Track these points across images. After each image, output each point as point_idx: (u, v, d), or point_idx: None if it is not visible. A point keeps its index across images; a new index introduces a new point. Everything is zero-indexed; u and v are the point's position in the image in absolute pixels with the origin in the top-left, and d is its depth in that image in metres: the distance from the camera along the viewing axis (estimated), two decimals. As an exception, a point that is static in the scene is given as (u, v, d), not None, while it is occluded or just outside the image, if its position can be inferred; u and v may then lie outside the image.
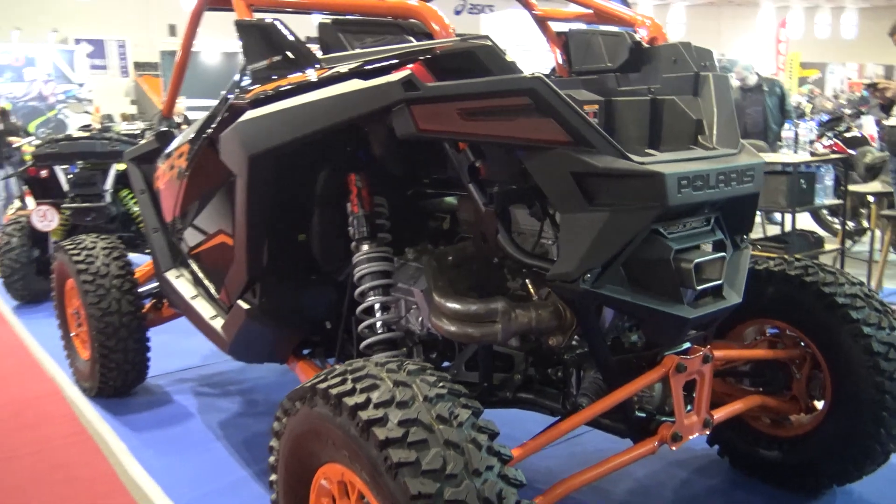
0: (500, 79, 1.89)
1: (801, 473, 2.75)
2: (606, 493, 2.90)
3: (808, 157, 4.83)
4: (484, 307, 2.10)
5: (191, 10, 3.19)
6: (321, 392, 1.73)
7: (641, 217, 1.88)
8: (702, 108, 2.26)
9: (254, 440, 3.43)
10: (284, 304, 2.69)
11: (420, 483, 1.49)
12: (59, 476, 3.18)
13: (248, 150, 2.36)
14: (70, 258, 3.79)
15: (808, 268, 2.67)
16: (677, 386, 2.13)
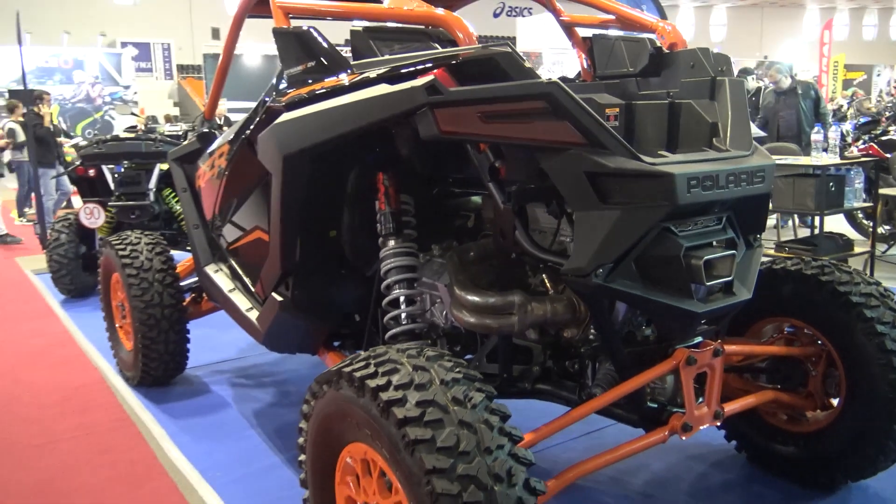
0: (519, 84, 2.00)
1: (816, 469, 2.80)
2: (625, 485, 2.98)
3: (837, 160, 4.84)
4: (501, 300, 2.22)
5: (233, 16, 3.36)
6: (346, 375, 1.86)
7: (652, 215, 1.97)
8: (717, 111, 2.34)
9: (285, 429, 3.58)
10: (316, 296, 2.83)
11: (435, 459, 1.61)
12: (103, 459, 3.36)
13: (283, 150, 2.50)
14: (116, 253, 3.98)
15: (824, 267, 2.72)
16: (688, 378, 2.21)
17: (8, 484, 3.12)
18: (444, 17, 2.26)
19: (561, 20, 3.42)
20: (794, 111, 8.00)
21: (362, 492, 1.97)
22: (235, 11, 3.33)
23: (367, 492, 1.94)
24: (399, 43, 2.73)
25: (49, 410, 3.92)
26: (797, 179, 4.73)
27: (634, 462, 3.12)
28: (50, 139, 9.11)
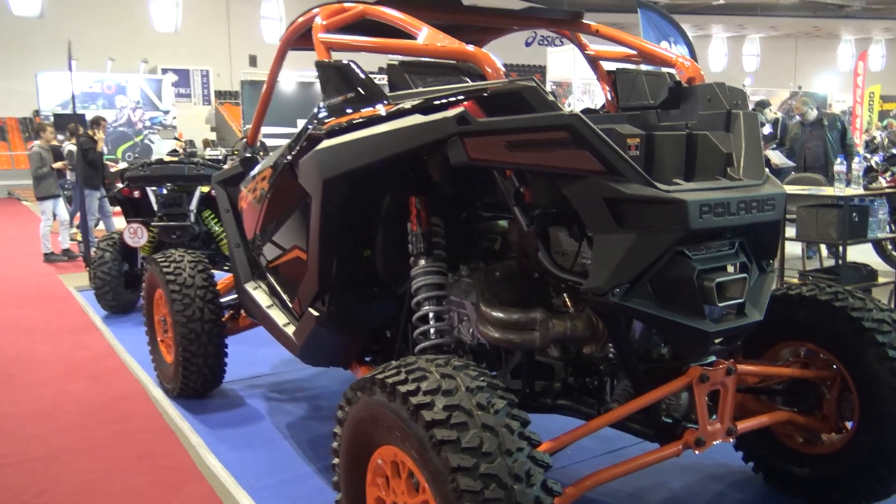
0: (542, 115, 2.16)
1: (831, 490, 2.87)
2: (644, 501, 3.08)
3: (861, 191, 4.91)
4: (524, 316, 2.36)
5: (276, 49, 3.58)
6: (379, 382, 2.01)
7: (665, 239, 2.11)
8: (732, 142, 2.48)
9: (317, 440, 3.73)
10: (350, 312, 3.00)
11: (460, 458, 1.75)
12: (144, 464, 3.54)
13: (323, 175, 2.68)
14: (160, 270, 4.20)
15: (837, 293, 2.82)
16: (701, 395, 2.33)
17: (55, 486, 3.30)
18: (474, 53, 2.44)
19: (587, 54, 3.58)
20: (820, 142, 8.06)
21: (391, 492, 2.11)
22: (279, 44, 3.55)
23: (395, 492, 2.08)
24: (432, 76, 2.91)
25: (92, 418, 4.12)
26: (820, 210, 4.81)
27: (653, 480, 3.22)
28: (100, 162, 9.49)
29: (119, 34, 28.19)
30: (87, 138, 9.32)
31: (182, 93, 28.90)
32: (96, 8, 28.61)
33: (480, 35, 3.73)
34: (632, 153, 2.27)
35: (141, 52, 27.59)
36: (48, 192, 9.61)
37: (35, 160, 9.60)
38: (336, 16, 2.96)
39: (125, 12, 29.56)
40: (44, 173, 9.52)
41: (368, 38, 2.88)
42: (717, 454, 3.38)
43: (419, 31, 2.61)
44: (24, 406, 4.31)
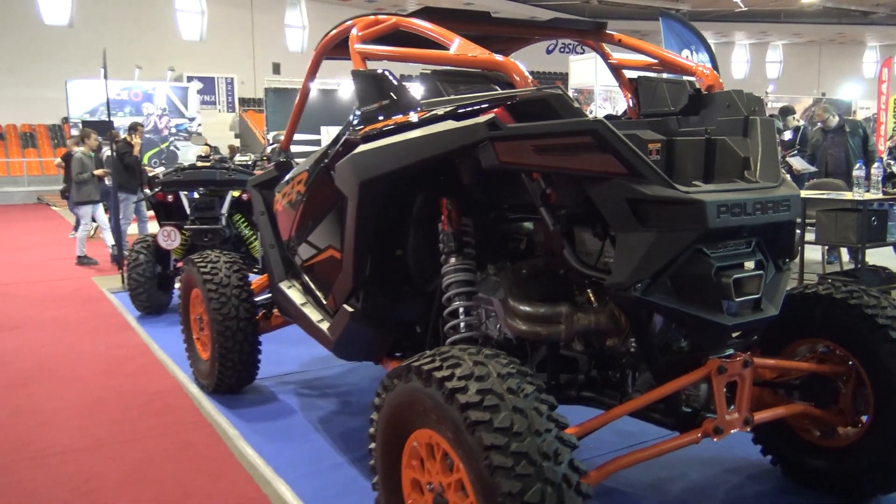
0: (568, 121, 2.29)
1: (846, 482, 2.98)
2: (665, 492, 3.19)
3: (880, 196, 4.99)
4: (550, 310, 2.50)
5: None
6: (415, 369, 2.16)
7: (685, 237, 2.23)
8: (749, 147, 2.60)
9: (349, 433, 3.88)
10: (382, 308, 3.15)
11: (493, 437, 1.89)
12: (184, 454, 3.71)
13: (359, 177, 2.84)
14: (198, 270, 4.38)
15: (853, 292, 2.93)
16: (719, 385, 2.45)
17: (102, 473, 3.48)
18: (504, 62, 2.58)
19: (609, 63, 3.72)
20: (842, 149, 8.11)
21: (426, 473, 2.25)
22: (315, 53, 3.72)
23: (430, 472, 2.23)
24: (463, 84, 3.06)
25: (133, 412, 4.31)
26: (839, 214, 4.89)
27: (674, 472, 3.34)
28: (136, 167, 9.76)
29: (146, 43, 28.70)
30: (124, 143, 9.62)
31: (207, 100, 29.36)
32: (124, 17, 29.17)
33: (507, 44, 3.87)
34: (653, 157, 2.40)
35: (167, 61, 28.07)
36: (88, 198, 9.87)
37: (77, 166, 9.87)
38: (371, 27, 3.13)
39: (152, 21, 30.11)
40: (85, 178, 9.79)
41: (403, 49, 3.03)
42: (737, 448, 3.50)
43: (451, 41, 2.76)
44: (67, 400, 4.50)
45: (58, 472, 3.48)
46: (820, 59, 46.30)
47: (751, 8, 35.06)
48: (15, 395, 4.62)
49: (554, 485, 1.86)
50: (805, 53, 46.06)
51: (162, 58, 28.13)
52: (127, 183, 9.41)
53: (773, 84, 42.53)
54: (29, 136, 27.33)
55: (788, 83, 43.16)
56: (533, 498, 1.84)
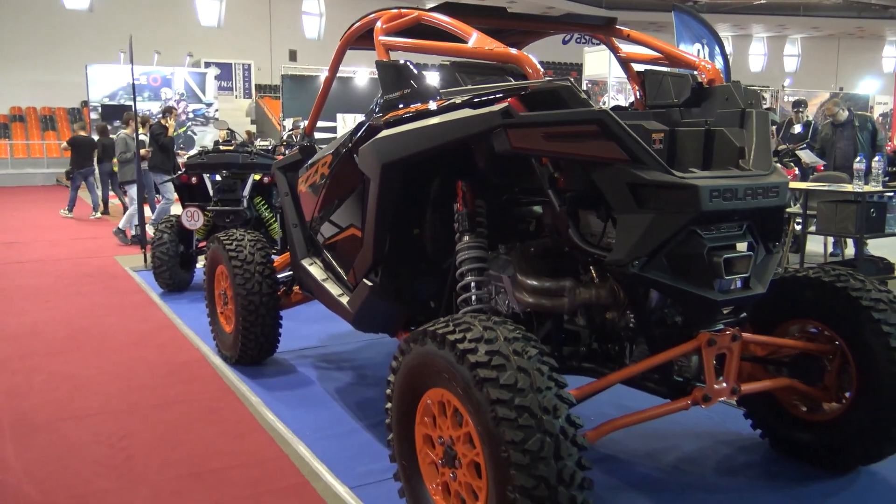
0: (576, 111, 2.50)
1: (831, 454, 3.18)
2: (659, 460, 3.41)
3: (879, 188, 5.16)
4: (555, 284, 2.72)
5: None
6: (430, 333, 2.38)
7: (679, 219, 2.44)
8: (745, 137, 2.80)
9: (365, 402, 4.12)
10: (400, 283, 3.38)
11: (499, 392, 2.12)
12: (210, 418, 3.96)
13: (381, 160, 3.06)
14: (223, 247, 4.62)
15: (840, 275, 3.13)
16: (708, 357, 2.66)
17: (137, 433, 3.74)
18: (518, 56, 2.79)
19: (619, 56, 3.91)
20: (851, 143, 8.24)
21: (437, 428, 2.48)
22: (340, 43, 3.94)
23: (441, 428, 2.45)
24: (480, 75, 3.27)
25: (161, 380, 4.56)
26: (839, 205, 5.07)
27: (669, 443, 3.56)
28: (171, 148, 10.13)
29: (165, 28, 28.97)
30: (158, 125, 10.05)
31: (224, 86, 29.64)
32: (144, 2, 29.44)
33: (522, 37, 4.08)
34: (656, 146, 2.62)
35: (186, 46, 28.35)
36: (130, 177, 10.19)
37: (120, 145, 10.48)
38: (394, 20, 3.34)
39: (171, 6, 30.37)
40: (127, 158, 10.24)
41: (424, 41, 3.24)
42: (729, 422, 3.72)
43: (469, 35, 2.97)
44: (101, 368, 4.76)
45: (97, 430, 3.74)
46: (838, 53, 45.98)
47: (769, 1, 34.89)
48: (52, 362, 4.89)
49: (552, 435, 2.09)
50: (823, 47, 45.74)
51: (180, 43, 28.42)
52: (162, 164, 9.77)
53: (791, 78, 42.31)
54: (49, 118, 27.70)
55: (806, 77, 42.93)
56: (533, 446, 2.06)
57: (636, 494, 3.08)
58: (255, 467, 3.34)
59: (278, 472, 3.30)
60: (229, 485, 3.17)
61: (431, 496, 2.54)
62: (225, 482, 3.20)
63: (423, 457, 2.58)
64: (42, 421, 3.88)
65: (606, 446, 3.52)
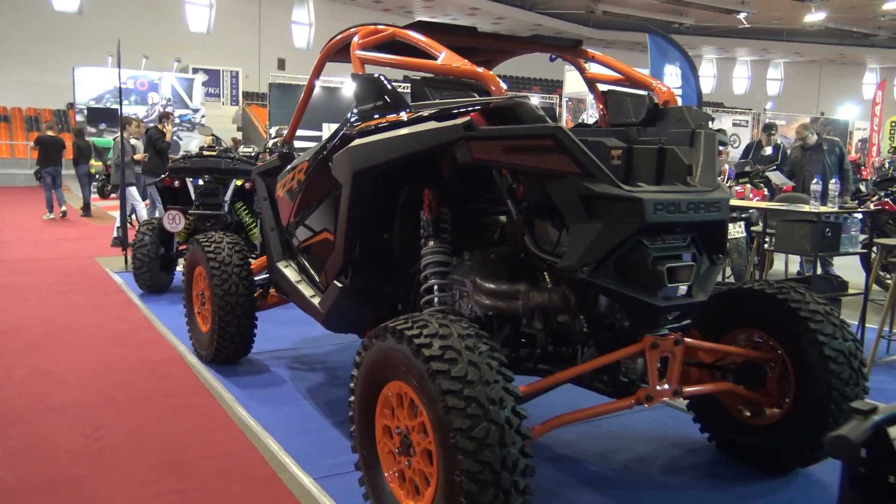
0: (532, 126, 2.69)
1: (771, 457, 3.37)
2: (611, 460, 3.58)
3: (835, 209, 5.40)
4: (511, 287, 2.90)
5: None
6: (390, 329, 2.55)
7: (626, 229, 2.63)
8: (693, 156, 3.00)
9: (333, 401, 4.27)
10: (368, 285, 3.54)
11: (449, 383, 2.28)
12: (185, 413, 4.10)
13: (353, 167, 3.23)
14: (202, 249, 4.77)
15: (781, 288, 3.33)
16: (652, 359, 2.85)
17: (112, 425, 3.86)
18: (482, 73, 2.98)
19: (585, 76, 4.12)
20: (819, 165, 8.52)
21: (395, 419, 2.64)
22: (320, 55, 4.11)
23: (399, 418, 2.62)
24: (447, 90, 3.46)
25: (138, 377, 4.69)
26: (796, 224, 5.29)
27: (621, 445, 3.74)
28: (166, 153, 10.26)
29: (154, 33, 29.07)
30: (155, 129, 10.17)
31: (211, 92, 29.70)
32: (133, 6, 29.54)
33: (493, 55, 4.27)
34: (615, 162, 2.82)
35: (174, 51, 28.43)
36: (129, 180, 10.29)
37: (116, 149, 10.55)
38: (370, 36, 3.53)
39: (161, 11, 30.48)
40: (127, 161, 10.28)
41: (397, 56, 3.43)
42: (680, 427, 3.91)
43: (440, 53, 3.16)
44: (77, 364, 4.88)
45: (73, 423, 3.86)
46: (820, 78, 46.80)
47: (753, 25, 35.52)
48: (31, 357, 5.00)
49: (497, 424, 2.26)
50: (806, 72, 46.55)
51: (169, 48, 28.51)
52: (156, 167, 9.91)
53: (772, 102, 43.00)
54: (34, 119, 27.66)
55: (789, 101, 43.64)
56: (479, 434, 2.23)
57: (587, 491, 3.25)
58: (225, 459, 3.48)
59: (247, 463, 3.45)
60: (199, 474, 3.31)
61: (388, 483, 2.70)
62: (195, 472, 3.34)
63: (381, 447, 2.74)
64: (20, 412, 4.00)
65: (562, 447, 3.70)
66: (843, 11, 32.98)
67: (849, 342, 3.19)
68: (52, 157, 14.00)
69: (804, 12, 32.42)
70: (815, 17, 32.93)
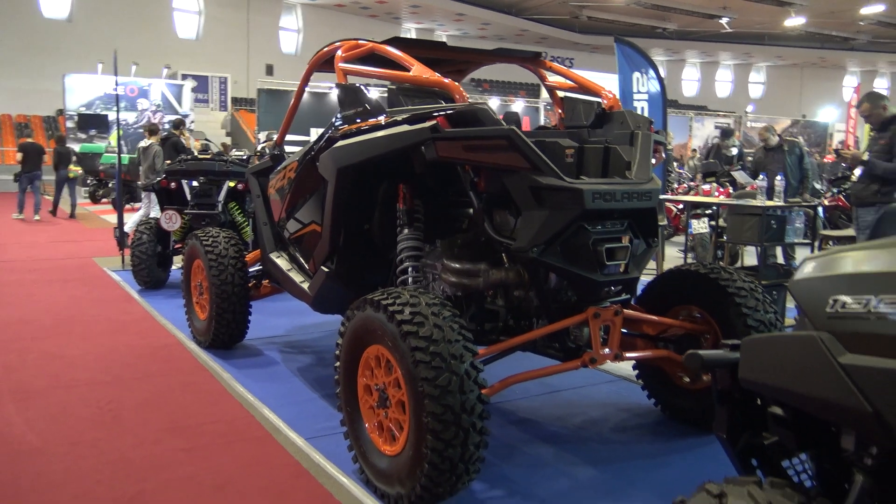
0: (490, 129, 3.16)
1: (705, 416, 3.83)
2: (567, 422, 4.04)
3: (780, 203, 5.90)
4: (473, 267, 3.37)
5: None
6: (369, 301, 3.02)
7: (569, 215, 3.10)
8: (632, 153, 3.48)
9: (321, 378, 4.72)
10: (352, 270, 4.00)
11: (418, 342, 2.75)
12: (186, 388, 4.53)
13: (337, 165, 3.69)
14: (201, 243, 5.21)
15: (713, 269, 3.81)
16: (595, 327, 3.32)
17: (122, 399, 4.30)
18: (448, 84, 3.45)
19: (545, 84, 4.60)
20: (780, 165, 9.02)
21: (374, 378, 3.10)
22: (308, 66, 4.57)
23: (377, 377, 3.08)
24: (418, 98, 3.92)
25: (142, 360, 5.12)
26: (745, 217, 5.80)
27: (577, 410, 4.21)
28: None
29: (143, 40, 29.41)
30: (177, 138, 10.65)
31: (200, 98, 30.10)
32: (123, 14, 29.89)
33: (464, 66, 4.75)
34: (568, 159, 3.29)
35: (163, 58, 28.80)
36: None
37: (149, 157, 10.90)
38: (352, 50, 4.00)
39: (150, 18, 30.84)
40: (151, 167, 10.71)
41: (375, 69, 3.90)
42: (630, 395, 4.39)
43: (412, 65, 3.62)
44: (86, 350, 5.31)
45: (86, 397, 4.30)
46: (802, 81, 47.62)
47: (736, 30, 36.25)
48: (42, 344, 5.43)
49: (458, 375, 2.72)
50: (787, 76, 47.36)
51: (158, 55, 28.87)
52: None
53: (754, 105, 43.78)
54: (24, 126, 27.93)
55: (770, 104, 44.43)
56: (442, 382, 2.69)
57: (545, 446, 3.71)
58: (226, 424, 3.93)
59: (246, 428, 3.90)
60: (203, 436, 3.76)
61: (369, 433, 3.16)
62: (200, 434, 3.78)
63: (363, 403, 3.20)
64: (37, 388, 4.44)
65: (524, 412, 4.16)
66: (823, 16, 33.74)
67: (770, 314, 3.67)
68: (33, 163, 14.81)
69: (784, 17, 33.19)
70: (795, 21, 33.71)
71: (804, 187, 8.87)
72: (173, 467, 3.39)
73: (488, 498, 3.13)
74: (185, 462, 3.45)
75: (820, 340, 1.49)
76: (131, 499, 3.08)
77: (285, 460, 3.48)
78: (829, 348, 1.47)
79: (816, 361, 1.49)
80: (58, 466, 3.38)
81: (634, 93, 7.83)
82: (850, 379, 1.41)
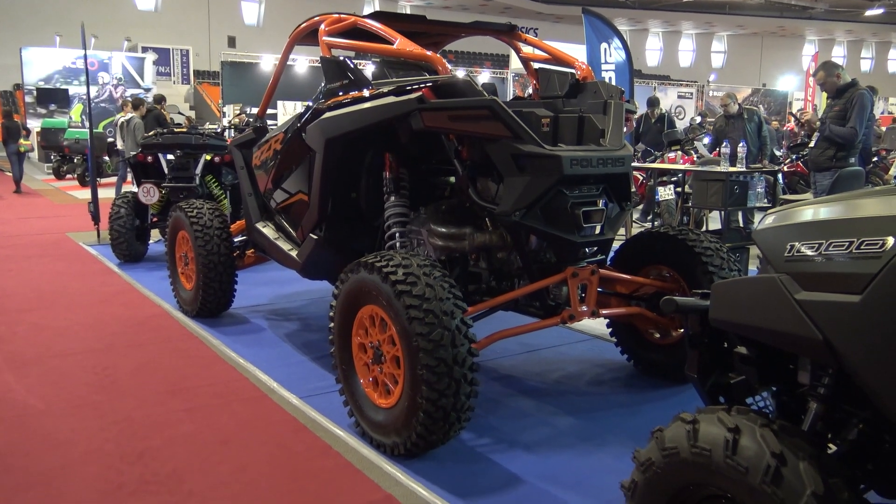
0: (472, 99, 3.34)
1: (674, 369, 4.11)
2: (546, 377, 4.30)
3: (742, 169, 6.20)
4: (458, 230, 3.58)
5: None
6: (363, 263, 3.20)
7: (548, 180, 3.31)
8: (606, 122, 3.69)
9: (309, 342, 4.91)
10: (340, 237, 4.18)
11: (412, 300, 2.95)
12: (179, 354, 4.69)
13: (325, 136, 3.84)
14: (186, 214, 5.33)
15: (681, 231, 4.06)
16: (573, 286, 3.55)
17: (117, 365, 4.44)
18: (431, 56, 3.61)
19: (520, 56, 4.78)
20: (740, 133, 9.34)
21: (369, 337, 3.30)
22: (289, 40, 4.69)
23: (371, 335, 3.28)
24: (403, 70, 4.08)
25: (132, 329, 5.25)
26: (710, 183, 6.08)
27: (555, 367, 4.47)
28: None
29: (102, 12, 28.76)
30: (159, 112, 10.56)
31: (162, 71, 29.59)
32: (79, -16, 29.15)
33: (441, 38, 4.90)
34: (545, 128, 3.48)
35: (123, 30, 28.23)
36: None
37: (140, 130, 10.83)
38: (335, 24, 4.13)
39: (108, -10, 30.14)
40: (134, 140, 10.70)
41: (358, 42, 4.04)
42: (606, 353, 4.65)
43: (395, 39, 3.78)
44: (73, 321, 5.41)
45: (82, 364, 4.43)
46: (762, 50, 48.28)
47: (697, -1, 36.58)
48: (28, 316, 5.52)
49: (449, 330, 2.93)
50: (748, 45, 47.96)
51: (117, 27, 28.29)
52: None
53: (715, 74, 44.34)
54: (-20, 101, 27.25)
55: (732, 73, 45.02)
56: (436, 337, 2.90)
57: (525, 398, 3.96)
58: (222, 386, 4.11)
59: (241, 389, 4.08)
60: (201, 397, 3.93)
61: (364, 388, 3.37)
62: (198, 395, 3.96)
63: (357, 360, 3.40)
64: (32, 357, 4.55)
65: (506, 369, 4.41)
66: (782, -17, 34.22)
67: (734, 271, 3.94)
68: None
69: (744, -15, 33.59)
70: (755, -11, 34.12)
71: (763, 154, 9.21)
72: (176, 426, 3.56)
73: (477, 445, 3.36)
74: (186, 421, 3.62)
75: (779, 281, 1.73)
76: (140, 454, 3.25)
77: (283, 417, 3.68)
78: (787, 287, 1.70)
79: (776, 299, 1.73)
80: (64, 426, 3.54)
81: (602, 63, 8.04)
82: (805, 312, 1.65)
